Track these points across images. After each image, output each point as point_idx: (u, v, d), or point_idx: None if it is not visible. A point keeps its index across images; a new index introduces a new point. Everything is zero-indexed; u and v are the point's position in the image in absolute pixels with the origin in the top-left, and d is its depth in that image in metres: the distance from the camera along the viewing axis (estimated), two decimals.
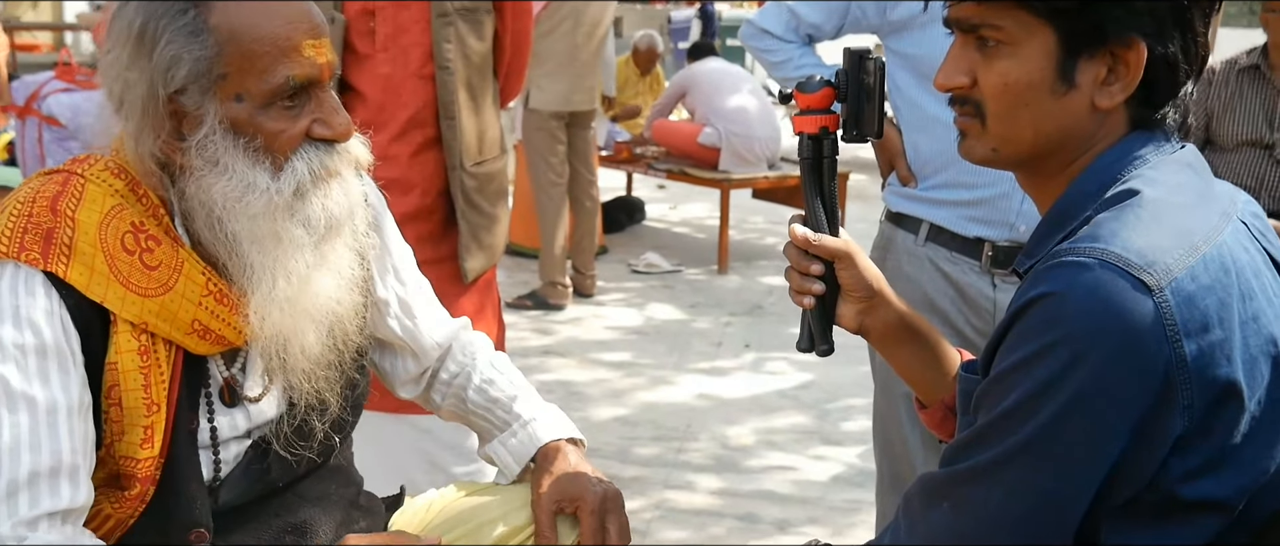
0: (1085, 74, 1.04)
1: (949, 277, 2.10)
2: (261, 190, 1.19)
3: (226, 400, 1.31)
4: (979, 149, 1.10)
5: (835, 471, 3.44)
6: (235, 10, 1.17)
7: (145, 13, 1.16)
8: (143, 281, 1.20)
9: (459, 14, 2.56)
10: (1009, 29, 1.04)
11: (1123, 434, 0.95)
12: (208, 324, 1.24)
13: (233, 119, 1.18)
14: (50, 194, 1.20)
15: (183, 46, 1.16)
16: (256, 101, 1.18)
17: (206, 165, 1.19)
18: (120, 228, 1.20)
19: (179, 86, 1.17)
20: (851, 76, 1.18)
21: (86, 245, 1.17)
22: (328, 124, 1.23)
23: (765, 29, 2.24)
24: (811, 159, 1.21)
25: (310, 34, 1.21)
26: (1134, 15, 1.01)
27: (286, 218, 1.21)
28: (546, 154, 5.09)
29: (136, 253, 1.20)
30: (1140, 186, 1.03)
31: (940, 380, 1.29)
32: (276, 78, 1.18)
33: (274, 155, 1.20)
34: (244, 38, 1.17)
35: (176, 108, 1.18)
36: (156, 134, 1.18)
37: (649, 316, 5.08)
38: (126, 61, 1.17)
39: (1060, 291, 0.95)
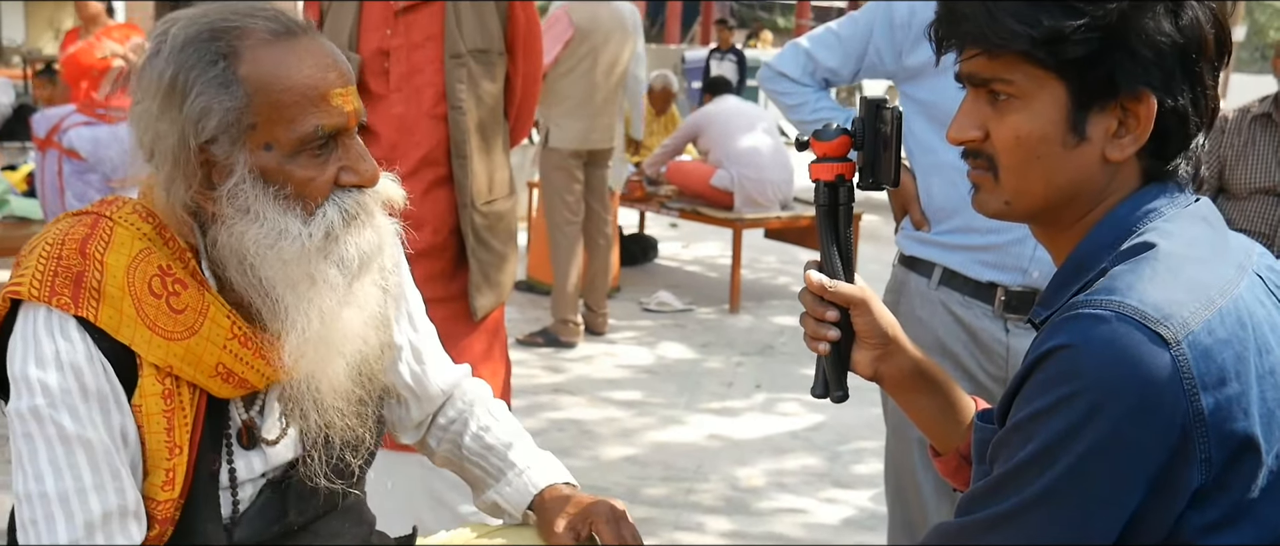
0: (1096, 127, 1.05)
1: (962, 322, 2.10)
2: (293, 236, 1.20)
3: (244, 443, 1.31)
4: (992, 202, 1.11)
5: (846, 514, 3.42)
6: (264, 61, 1.19)
7: (176, 64, 1.18)
8: (169, 325, 1.21)
9: (472, 56, 2.59)
10: (1020, 83, 1.05)
11: (1139, 487, 0.95)
12: (232, 367, 1.25)
13: (262, 167, 1.20)
14: (79, 236, 1.21)
15: (213, 98, 1.17)
16: (286, 150, 1.20)
17: (237, 213, 1.20)
18: (148, 271, 1.21)
19: (209, 136, 1.18)
20: (868, 124, 1.19)
21: (114, 288, 1.18)
22: (355, 171, 1.24)
23: (782, 72, 2.26)
24: (827, 206, 1.22)
25: (338, 83, 1.23)
26: (1143, 68, 1.02)
27: (320, 259, 1.22)
28: (563, 192, 5.11)
29: (163, 296, 1.21)
30: (1156, 239, 1.03)
31: (955, 428, 1.28)
32: (305, 127, 1.19)
33: (305, 201, 1.21)
34: (273, 88, 1.18)
35: (207, 157, 1.20)
36: (188, 183, 1.19)
37: (660, 355, 5.08)
38: (157, 112, 1.19)
39: (1077, 343, 0.95)
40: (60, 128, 4.15)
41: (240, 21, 1.20)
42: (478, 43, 2.60)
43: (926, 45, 2.02)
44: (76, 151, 4.12)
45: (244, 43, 1.19)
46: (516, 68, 2.73)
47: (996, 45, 1.04)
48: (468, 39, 2.58)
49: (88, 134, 4.14)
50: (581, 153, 5.11)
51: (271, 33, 1.21)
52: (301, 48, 1.22)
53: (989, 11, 1.03)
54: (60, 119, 4.21)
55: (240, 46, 1.19)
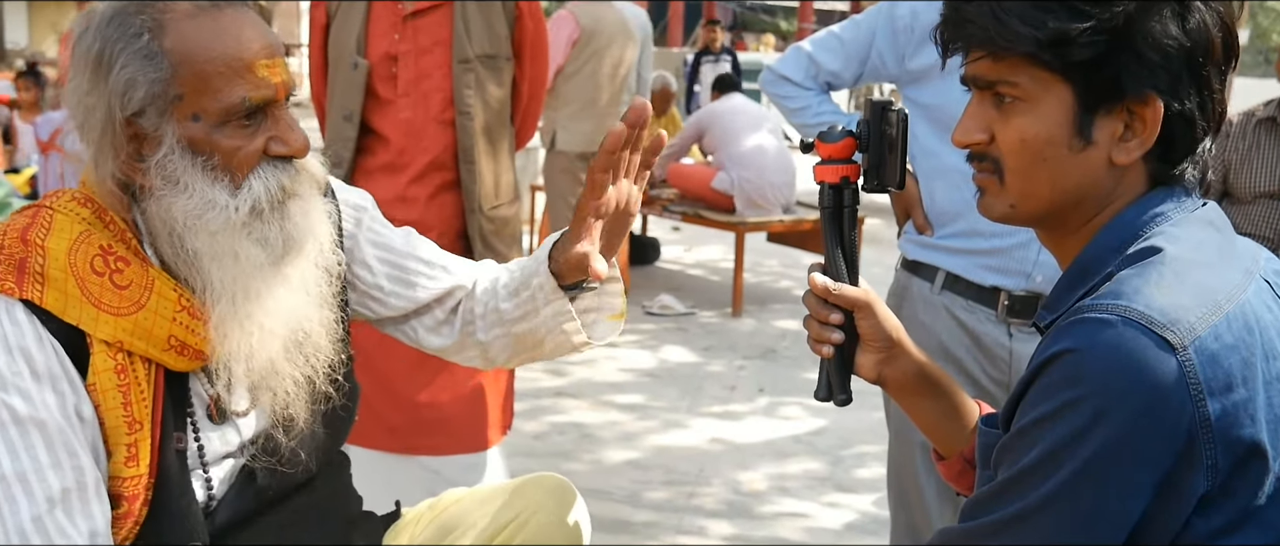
0: (1102, 130, 1.04)
1: (965, 326, 2.10)
2: (220, 208, 1.21)
3: (214, 418, 1.32)
4: (998, 206, 1.11)
5: (848, 519, 3.41)
6: (189, 33, 1.20)
7: (102, 38, 1.20)
8: (114, 301, 1.22)
9: (480, 61, 2.59)
10: (1025, 86, 1.04)
11: (1145, 492, 0.95)
12: (185, 339, 1.26)
13: (190, 138, 1.21)
14: (20, 226, 1.23)
15: (138, 69, 1.19)
16: (212, 120, 1.21)
17: (167, 184, 1.21)
18: (89, 252, 1.22)
19: (136, 109, 1.20)
20: (874, 127, 1.19)
21: (57, 271, 1.20)
22: (284, 141, 1.25)
23: (784, 76, 2.25)
24: (832, 208, 1.21)
25: (263, 54, 1.24)
26: (1149, 72, 1.02)
27: (243, 236, 1.23)
28: (567, 195, 5.11)
29: (106, 274, 1.22)
30: (1163, 243, 1.03)
31: (959, 432, 1.28)
32: (231, 97, 1.21)
33: (232, 173, 1.23)
34: (197, 59, 1.20)
35: (135, 130, 1.21)
36: (116, 155, 1.21)
37: (662, 359, 5.07)
38: (86, 87, 1.20)
39: (1083, 348, 0.95)
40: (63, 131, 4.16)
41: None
42: (485, 48, 2.60)
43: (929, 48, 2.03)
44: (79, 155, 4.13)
45: (167, 15, 1.20)
46: (523, 72, 2.73)
47: (1002, 47, 1.03)
48: (475, 44, 2.58)
49: None
50: (587, 155, 5.11)
51: (196, 6, 1.22)
52: (226, 19, 1.23)
53: (995, 14, 1.03)
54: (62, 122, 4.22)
55: (164, 19, 1.20)
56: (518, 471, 3.52)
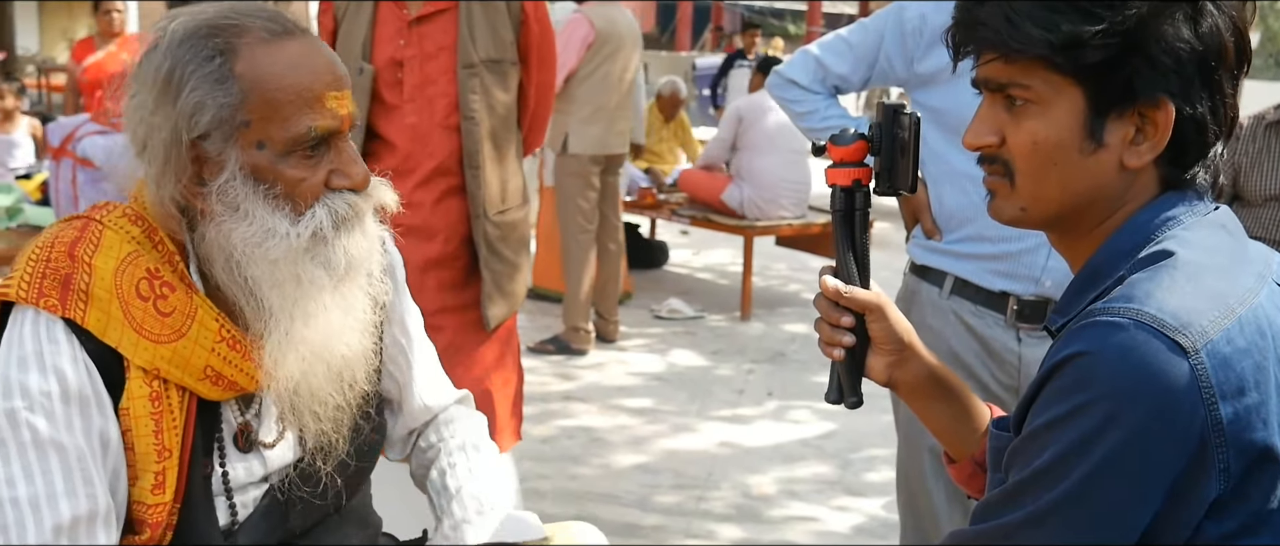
0: (1114, 134, 1.04)
1: (973, 331, 2.10)
2: (281, 236, 1.20)
3: (241, 446, 1.31)
4: (1008, 209, 1.10)
5: (857, 522, 3.41)
6: (261, 59, 1.19)
7: (173, 58, 1.18)
8: (156, 328, 1.21)
9: (485, 66, 2.59)
10: (1037, 88, 1.04)
11: (1156, 496, 0.95)
12: (221, 370, 1.25)
13: (254, 165, 1.20)
14: (68, 240, 1.21)
15: (208, 93, 1.17)
16: (278, 149, 1.20)
17: (227, 210, 1.20)
18: (135, 274, 1.21)
19: (202, 132, 1.18)
20: (885, 130, 1.18)
21: (102, 291, 1.19)
22: (346, 174, 1.24)
23: (792, 79, 2.25)
24: (844, 211, 1.21)
25: (333, 86, 1.23)
26: (1161, 75, 1.02)
27: (307, 260, 1.22)
28: (579, 199, 5.10)
29: (151, 299, 1.21)
30: (1175, 247, 1.02)
31: (970, 435, 1.28)
32: (298, 127, 1.20)
33: (294, 201, 1.21)
34: (268, 87, 1.19)
35: (199, 153, 1.20)
36: (178, 178, 1.19)
37: (671, 363, 5.07)
38: (152, 105, 1.19)
39: (1094, 351, 0.95)
40: (73, 136, 4.17)
41: (239, 20, 1.21)
42: (491, 52, 2.60)
43: (938, 52, 2.02)
44: (90, 160, 4.13)
45: (241, 40, 1.19)
46: (530, 77, 2.73)
47: (1015, 50, 1.03)
48: (481, 49, 2.58)
49: (102, 143, 4.15)
50: (599, 158, 5.10)
51: (269, 33, 1.21)
52: (298, 49, 1.22)
53: (1007, 16, 1.03)
54: (73, 128, 4.23)
55: (237, 44, 1.19)
56: (527, 475, 3.52)
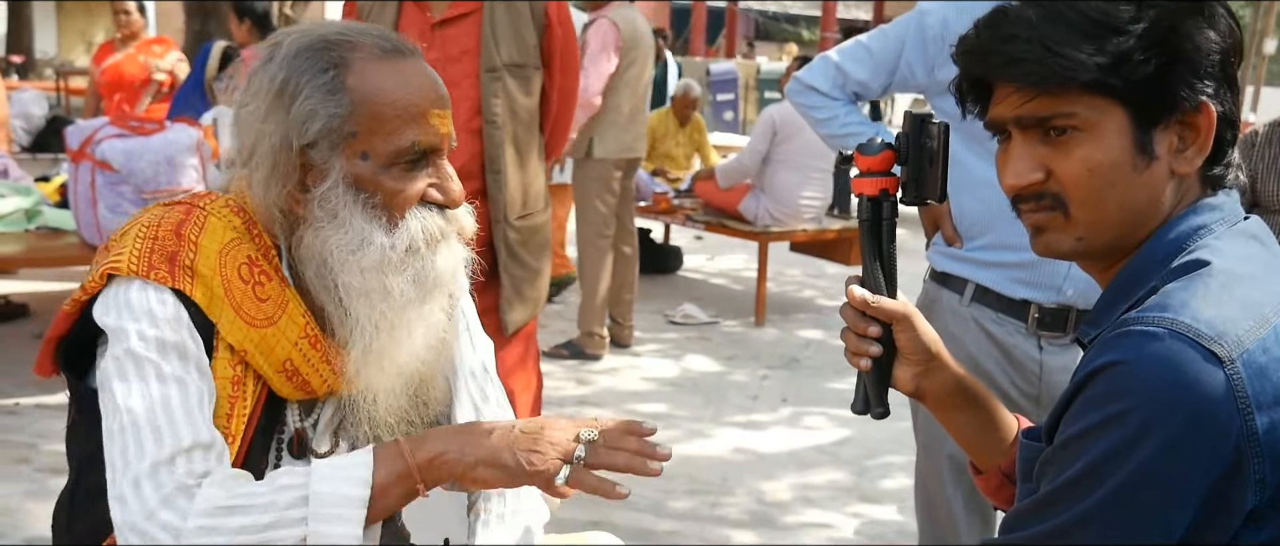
0: (1161, 144, 1.05)
1: (994, 339, 2.09)
2: (376, 246, 1.25)
3: (294, 451, 1.33)
4: (1063, 241, 1.08)
5: (873, 530, 3.40)
6: (372, 74, 1.24)
7: (288, 69, 1.24)
8: (253, 311, 1.25)
9: (508, 70, 2.59)
10: (1082, 115, 1.04)
11: (1190, 506, 0.94)
12: (299, 366, 1.28)
13: (356, 175, 1.25)
14: (174, 221, 1.26)
15: (319, 103, 1.23)
16: (380, 161, 1.25)
17: (326, 217, 1.25)
18: (237, 258, 1.26)
19: (310, 140, 1.23)
20: (913, 139, 1.18)
21: (206, 269, 1.24)
22: (443, 190, 1.30)
23: (812, 85, 2.24)
24: (871, 221, 1.21)
25: (437, 104, 1.28)
26: (1201, 79, 1.03)
27: (397, 272, 1.26)
28: (598, 204, 5.09)
29: (250, 283, 1.26)
30: (1208, 257, 1.02)
31: (997, 445, 1.27)
32: (403, 141, 1.25)
33: (390, 213, 1.26)
34: (377, 101, 1.24)
35: (305, 160, 1.25)
36: (284, 183, 1.24)
37: (685, 368, 5.07)
38: (263, 113, 1.24)
39: (1129, 360, 0.94)
40: (92, 139, 4.19)
41: (353, 36, 1.27)
42: (514, 57, 2.60)
43: None
44: (109, 163, 4.15)
45: (354, 55, 1.25)
46: (553, 81, 2.73)
47: (1063, 80, 1.02)
48: (504, 53, 2.58)
49: (120, 146, 4.17)
50: (622, 162, 5.10)
51: (381, 50, 1.27)
52: (408, 67, 1.28)
53: (1047, 47, 1.02)
54: (93, 131, 4.24)
55: (350, 58, 1.25)
56: None
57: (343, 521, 1.17)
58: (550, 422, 1.26)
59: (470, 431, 1.25)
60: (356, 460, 1.21)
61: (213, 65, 5.21)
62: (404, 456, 1.22)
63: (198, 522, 1.15)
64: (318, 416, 1.34)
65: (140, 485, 1.16)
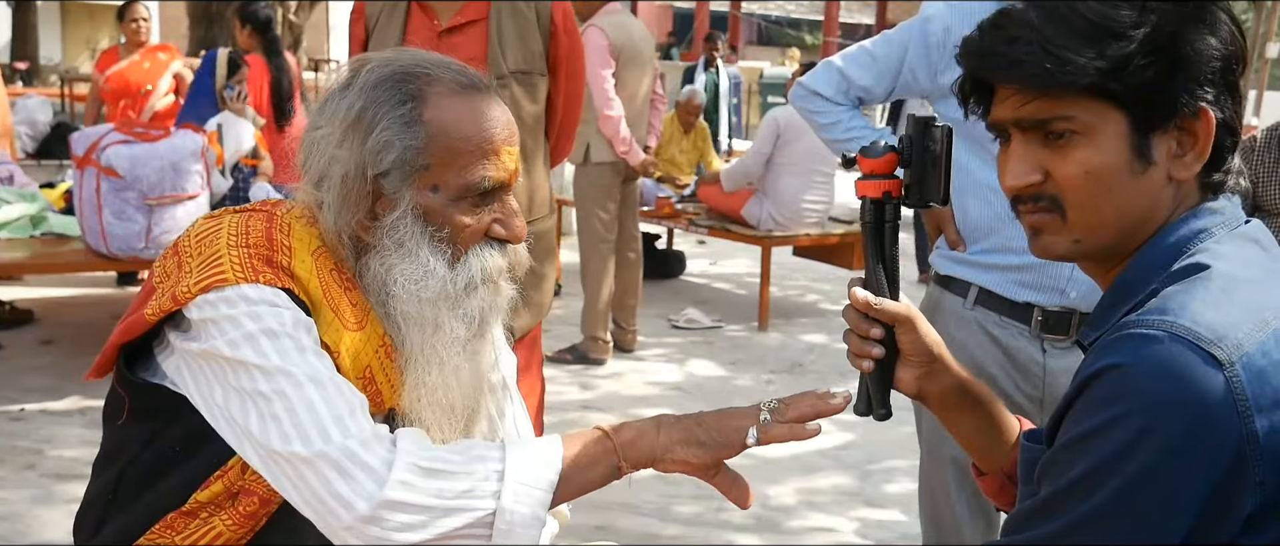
0: (1159, 149, 1.05)
1: (998, 342, 2.09)
2: (438, 278, 1.27)
3: None
4: (1060, 244, 1.09)
5: (877, 534, 3.40)
6: (448, 108, 1.27)
7: (366, 99, 1.26)
8: (348, 314, 1.28)
9: (514, 77, 2.60)
10: (1081, 118, 1.04)
11: (1191, 510, 0.94)
12: (376, 374, 1.30)
13: (426, 207, 1.27)
14: (261, 227, 1.28)
15: (396, 134, 1.25)
16: (450, 194, 1.27)
17: (393, 246, 1.27)
18: (328, 262, 1.29)
19: (384, 169, 1.25)
20: (917, 142, 1.18)
21: (303, 271, 1.26)
22: (507, 226, 1.32)
23: (816, 90, 2.25)
24: (873, 223, 1.21)
25: (509, 141, 1.31)
26: (1200, 85, 1.03)
27: (450, 309, 1.29)
28: (599, 210, 5.09)
29: (343, 287, 1.29)
30: (1209, 260, 1.02)
31: (999, 447, 1.27)
32: (474, 176, 1.27)
33: (455, 246, 1.28)
34: (452, 135, 1.27)
35: (377, 189, 1.26)
36: (356, 211, 1.26)
37: (689, 373, 5.07)
38: (337, 140, 1.26)
39: (1129, 363, 0.94)
40: (98, 146, 4.21)
41: (431, 69, 1.29)
42: (520, 64, 2.61)
43: None
44: (114, 169, 4.16)
45: (432, 89, 1.27)
46: (558, 88, 2.74)
47: (1063, 83, 1.02)
48: (510, 60, 2.59)
49: (125, 152, 4.18)
50: (620, 168, 5.10)
51: (459, 85, 1.29)
52: (483, 102, 1.30)
53: (1047, 50, 1.02)
54: (98, 137, 4.26)
55: (428, 92, 1.27)
56: None
57: (531, 503, 1.19)
58: (732, 408, 1.31)
59: (661, 418, 1.30)
60: (550, 445, 1.24)
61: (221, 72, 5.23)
62: (609, 436, 1.26)
63: (400, 476, 1.15)
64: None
65: (328, 431, 1.16)
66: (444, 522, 1.16)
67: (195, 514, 1.30)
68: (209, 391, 1.23)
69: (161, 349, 1.30)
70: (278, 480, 1.20)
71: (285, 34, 7.22)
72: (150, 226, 4.21)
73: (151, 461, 1.31)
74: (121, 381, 1.33)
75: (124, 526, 1.33)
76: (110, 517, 1.34)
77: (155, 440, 1.31)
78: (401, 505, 1.15)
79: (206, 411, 1.24)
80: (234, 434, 1.22)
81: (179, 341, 1.26)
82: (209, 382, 1.23)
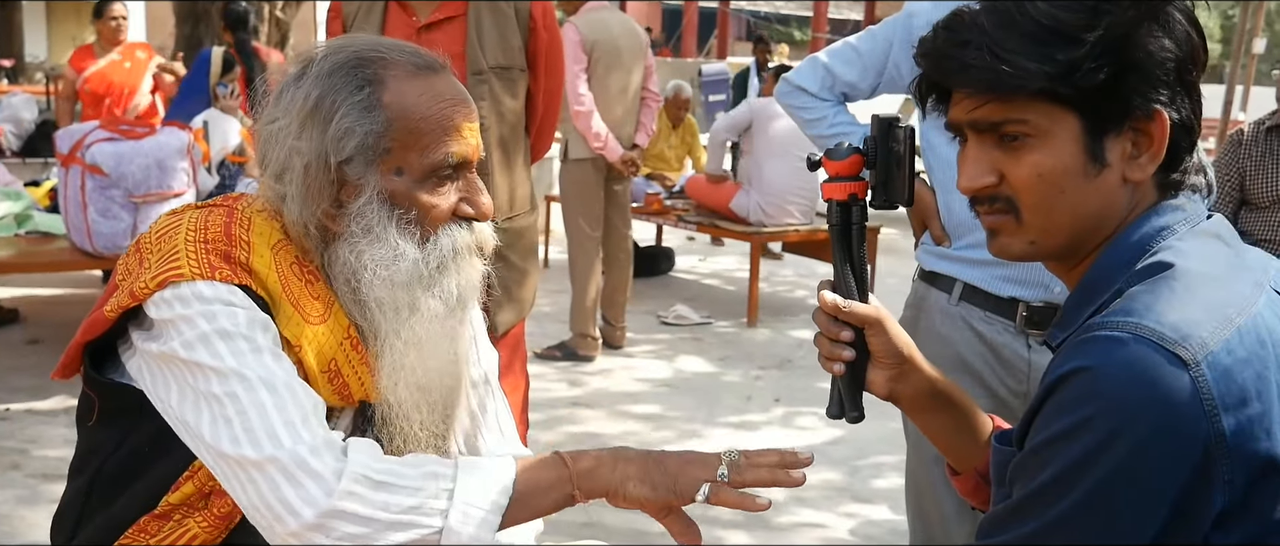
0: (1113, 151, 1.05)
1: (983, 337, 2.09)
2: (410, 260, 1.26)
3: None
4: (1016, 245, 1.09)
5: (866, 530, 3.40)
6: (407, 91, 1.26)
7: (323, 87, 1.25)
8: (308, 307, 1.27)
9: (494, 73, 2.59)
10: (1034, 121, 1.04)
11: (1161, 510, 0.94)
12: (341, 367, 1.29)
13: (391, 191, 1.27)
14: (220, 222, 1.27)
15: (356, 120, 1.24)
16: (415, 176, 1.27)
17: (361, 232, 1.26)
18: (288, 256, 1.28)
19: (346, 156, 1.25)
20: (880, 143, 1.18)
21: (262, 266, 1.25)
22: (473, 203, 1.32)
23: (801, 86, 2.24)
24: (840, 225, 1.21)
25: (469, 117, 1.30)
26: (1154, 88, 1.02)
27: (425, 289, 1.28)
28: (582, 206, 5.09)
29: (304, 280, 1.28)
30: (1172, 258, 1.02)
31: (972, 447, 1.27)
32: (437, 155, 1.27)
33: (424, 228, 1.28)
34: (413, 116, 1.26)
35: (341, 177, 1.26)
36: (319, 200, 1.25)
37: (678, 369, 5.07)
38: (296, 131, 1.25)
39: (1095, 366, 0.94)
40: (83, 143, 4.19)
41: (386, 53, 1.28)
42: (499, 60, 2.61)
43: None
44: (99, 167, 4.15)
45: (389, 72, 1.26)
46: (538, 83, 2.74)
47: (1013, 87, 1.02)
48: (489, 56, 2.59)
49: (110, 150, 4.17)
50: (602, 165, 5.09)
51: (414, 66, 1.28)
52: (440, 82, 1.29)
53: (997, 55, 1.02)
54: (83, 135, 4.24)
55: (385, 75, 1.26)
56: None
57: (478, 525, 1.18)
58: (695, 452, 1.29)
59: (621, 451, 1.28)
60: (504, 468, 1.23)
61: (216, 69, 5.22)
62: (566, 463, 1.25)
63: (348, 486, 1.14)
64: (334, 425, 1.33)
65: (279, 435, 1.15)
66: (389, 536, 1.15)
67: (168, 516, 1.29)
68: (166, 393, 1.22)
69: (125, 348, 1.29)
70: (228, 483, 1.19)
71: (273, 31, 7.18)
72: (136, 224, 4.19)
73: (123, 463, 1.30)
74: (90, 383, 1.32)
75: (100, 529, 1.32)
76: (86, 520, 1.34)
77: (126, 441, 1.30)
78: (348, 515, 1.14)
79: (164, 413, 1.23)
80: (189, 435, 1.21)
81: (140, 342, 1.25)
82: (166, 384, 1.22)
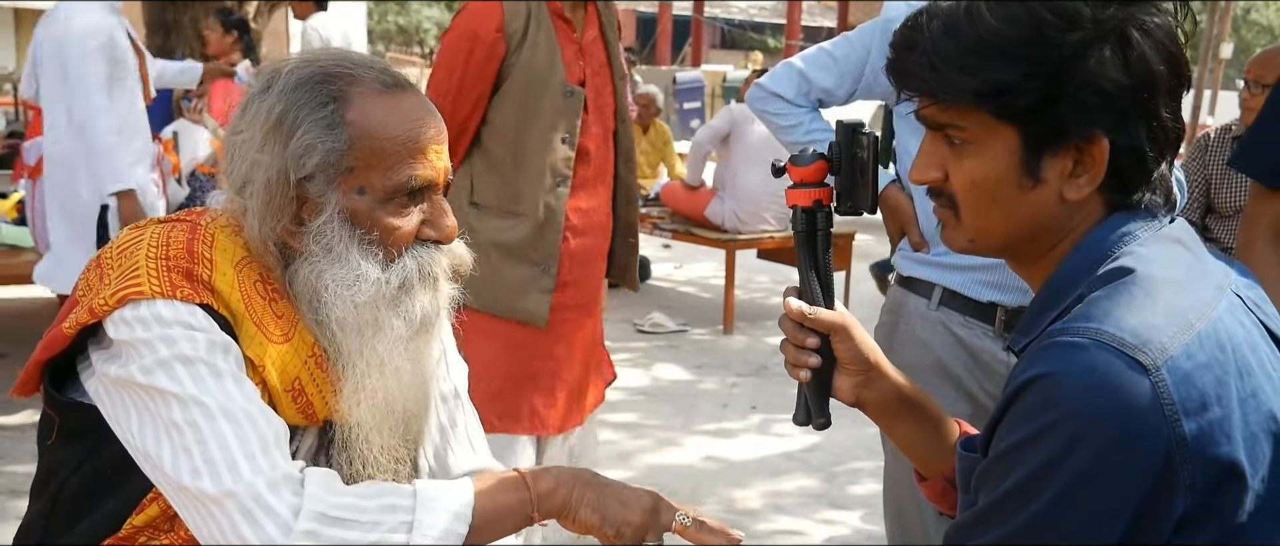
0: (1051, 169, 1.05)
1: (962, 342, 2.09)
2: (371, 281, 1.24)
3: None
4: (958, 239, 1.12)
5: (843, 536, 3.40)
6: (372, 109, 1.24)
7: (286, 102, 1.22)
8: (272, 326, 1.24)
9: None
10: (972, 129, 1.05)
11: (1123, 516, 0.94)
12: (305, 387, 1.27)
13: (353, 210, 1.24)
14: (183, 239, 1.24)
15: (318, 137, 1.22)
16: (377, 196, 1.24)
17: (321, 251, 1.24)
18: (252, 274, 1.25)
19: (308, 173, 1.22)
20: (845, 149, 1.18)
21: (224, 284, 1.22)
22: (436, 226, 1.29)
23: (775, 92, 2.22)
24: (805, 232, 1.21)
25: (436, 139, 1.27)
26: (1089, 114, 1.01)
27: (389, 309, 1.26)
28: None
29: (267, 299, 1.25)
30: (1133, 263, 1.02)
31: (940, 452, 1.27)
32: (400, 176, 1.24)
33: (386, 248, 1.26)
34: (377, 136, 1.23)
35: (301, 193, 1.23)
36: (279, 216, 1.23)
37: (655, 377, 5.06)
38: (259, 144, 1.23)
39: (1056, 372, 0.94)
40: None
41: (353, 70, 1.25)
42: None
43: None
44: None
45: (354, 89, 1.24)
46: None
47: (945, 98, 1.04)
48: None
49: None
50: None
51: (382, 85, 1.26)
52: (407, 102, 1.27)
53: (932, 65, 1.03)
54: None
55: (350, 92, 1.23)
56: None
57: None
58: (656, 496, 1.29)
59: (582, 474, 1.28)
60: (464, 494, 1.22)
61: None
62: (527, 485, 1.24)
63: (305, 525, 1.13)
64: (297, 445, 1.32)
65: (238, 467, 1.14)
66: None
67: (133, 540, 1.26)
68: (125, 419, 1.20)
69: (84, 367, 1.26)
70: (187, 515, 1.18)
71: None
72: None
73: (85, 484, 1.28)
74: (50, 401, 1.30)
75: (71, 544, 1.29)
76: (48, 543, 1.31)
77: (88, 462, 1.27)
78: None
79: (124, 439, 1.21)
80: (149, 466, 1.19)
81: (99, 363, 1.23)
82: (125, 409, 1.20)
